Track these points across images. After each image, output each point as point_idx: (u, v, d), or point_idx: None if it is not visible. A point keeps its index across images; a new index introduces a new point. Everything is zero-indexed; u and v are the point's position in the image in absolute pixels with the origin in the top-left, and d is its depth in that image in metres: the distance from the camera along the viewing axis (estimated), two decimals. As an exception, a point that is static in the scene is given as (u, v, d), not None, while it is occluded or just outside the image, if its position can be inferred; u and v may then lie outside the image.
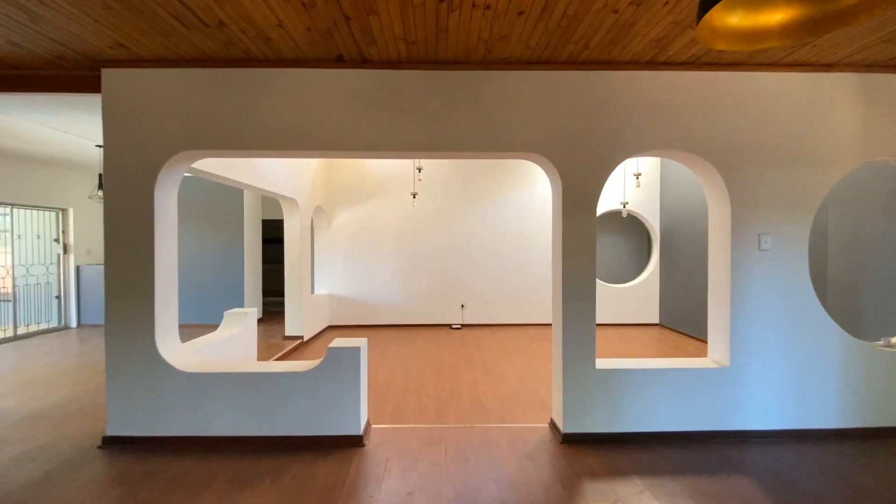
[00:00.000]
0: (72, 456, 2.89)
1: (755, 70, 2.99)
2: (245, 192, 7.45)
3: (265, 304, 8.85)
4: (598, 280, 7.80)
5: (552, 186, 3.23)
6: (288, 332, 6.27)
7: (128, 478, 2.62)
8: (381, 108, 2.96)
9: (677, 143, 3.00)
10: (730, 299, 3.04)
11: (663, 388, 3.04)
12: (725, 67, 2.98)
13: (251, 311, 4.62)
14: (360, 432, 2.98)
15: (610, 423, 3.03)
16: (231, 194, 7.31)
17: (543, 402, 4.03)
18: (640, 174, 5.75)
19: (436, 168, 7.63)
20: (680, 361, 3.21)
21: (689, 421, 3.04)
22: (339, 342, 3.06)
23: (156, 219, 2.96)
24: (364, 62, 2.92)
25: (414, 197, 6.28)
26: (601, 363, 3.09)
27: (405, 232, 7.68)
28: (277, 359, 5.41)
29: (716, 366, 3.09)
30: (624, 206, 6.05)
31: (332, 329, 7.47)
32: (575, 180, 3.01)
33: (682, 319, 7.07)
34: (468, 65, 2.93)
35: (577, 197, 3.01)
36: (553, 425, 3.23)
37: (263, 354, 5.46)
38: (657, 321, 7.83)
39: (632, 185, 7.47)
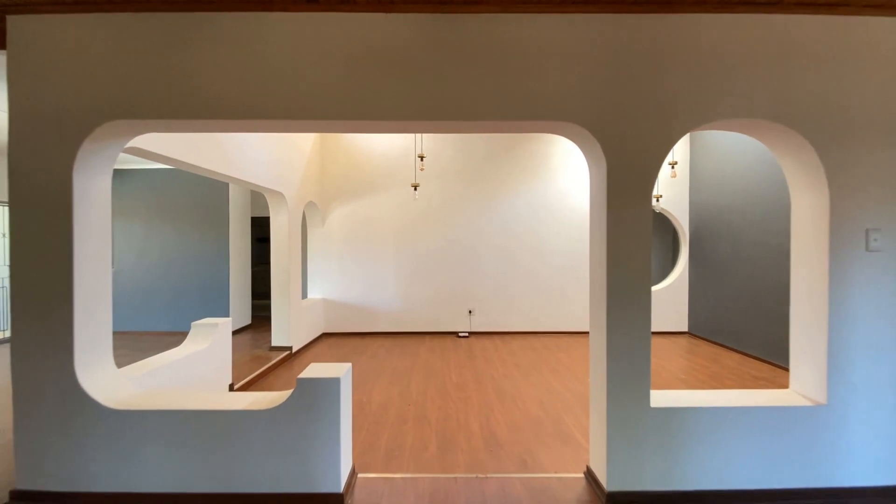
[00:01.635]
0: (-35, 519, 2.22)
1: (866, 13, 2.25)
2: (231, 186, 6.79)
3: (256, 309, 8.19)
4: (620, 283, 7.04)
5: (592, 169, 2.51)
6: (275, 343, 5.59)
7: (23, 558, 1.94)
8: (367, 65, 2.26)
9: (758, 109, 2.27)
10: (827, 316, 2.30)
11: (739, 432, 2.31)
12: (824, 9, 2.24)
13: (223, 323, 3.93)
14: (341, 489, 2.27)
15: (669, 479, 2.30)
16: (216, 189, 6.65)
17: (570, 434, 3.30)
18: (675, 163, 5.00)
19: (440, 158, 6.92)
20: (758, 396, 2.47)
21: (775, 476, 2.31)
22: (313, 370, 2.36)
23: (76, 210, 2.27)
24: (345, 3, 2.21)
25: (415, 189, 5.59)
26: (657, 397, 2.36)
27: (407, 229, 6.98)
28: (261, 374, 4.73)
29: (808, 403, 2.35)
30: (657, 200, 5.30)
31: (327, 337, 6.79)
32: (624, 159, 2.28)
33: (716, 328, 6.31)
34: (481, 5, 2.22)
35: (627, 181, 2.28)
36: (591, 476, 2.51)
37: (244, 369, 4.78)
38: (685, 329, 7.07)
39: (665, 175, 6.72)
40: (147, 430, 2.27)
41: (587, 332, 7.09)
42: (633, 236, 2.29)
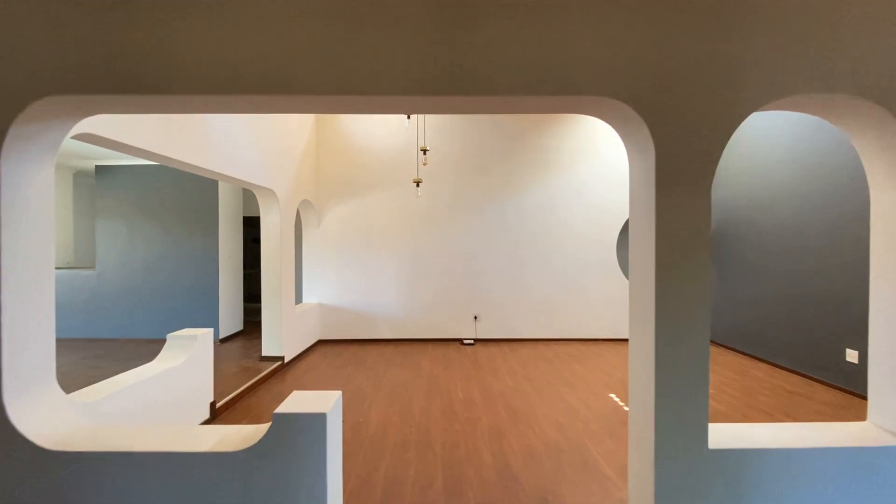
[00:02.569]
0: None
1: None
2: (221, 184, 6.38)
3: (250, 314, 7.78)
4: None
5: (634, 157, 2.08)
6: (265, 353, 5.17)
7: None
8: (360, 25, 1.84)
9: (839, 82, 1.84)
10: (924, 336, 1.87)
11: (813, 479, 1.89)
12: (922, -42, 1.82)
13: (203, 335, 3.52)
14: (328, 548, 1.85)
15: (730, 536, 1.88)
16: (205, 186, 6.23)
17: (595, 466, 2.88)
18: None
19: (444, 153, 6.50)
20: (832, 431, 2.05)
21: (861, 534, 1.88)
22: (295, 401, 1.94)
23: (3, 207, 1.85)
24: (333, -49, 1.79)
25: (417, 185, 5.17)
26: (717, 434, 1.94)
27: (408, 229, 6.55)
28: (248, 388, 4.31)
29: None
30: None
31: (323, 345, 6.36)
32: (677, 142, 1.86)
33: (740, 336, 5.88)
34: (502, -46, 1.80)
35: (680, 167, 1.86)
36: (630, 527, 2.08)
37: (231, 382, 4.36)
38: (705, 336, 6.62)
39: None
40: (91, 478, 1.85)
41: (602, 340, 6.79)
42: (687, 234, 1.87)
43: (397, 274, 6.55)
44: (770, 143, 5.32)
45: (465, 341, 6.43)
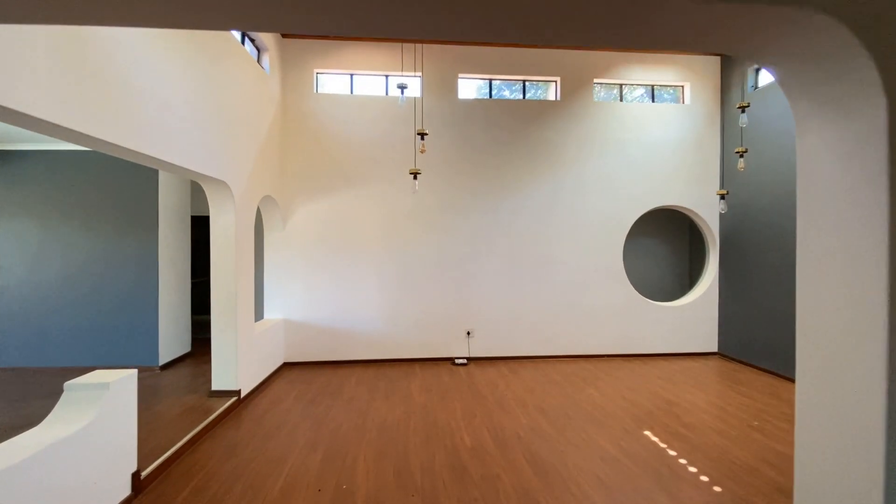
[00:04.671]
0: None
1: None
2: (163, 175, 5.24)
3: (202, 328, 6.62)
4: (640, 297, 6.01)
5: (833, 120, 1.31)
6: (216, 386, 4.13)
7: None
8: None
9: None
10: None
11: None
12: None
13: (120, 379, 2.51)
14: None
15: None
16: (141, 177, 5.09)
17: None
18: (745, 150, 3.96)
19: (434, 147, 5.64)
20: None
21: None
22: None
23: None
24: None
25: (415, 178, 4.24)
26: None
27: (392, 233, 5.65)
28: (192, 440, 3.29)
29: None
30: (722, 199, 4.23)
31: (290, 369, 5.36)
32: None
33: (760, 350, 5.36)
34: None
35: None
36: None
37: (169, 431, 3.32)
38: (716, 349, 6.11)
39: (688, 167, 5.79)
40: None
41: (607, 357, 6.01)
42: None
43: (378, 284, 5.63)
44: (791, 137, 4.79)
45: (458, 360, 5.60)
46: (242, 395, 4.22)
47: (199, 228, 7.75)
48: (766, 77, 5.46)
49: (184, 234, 5.70)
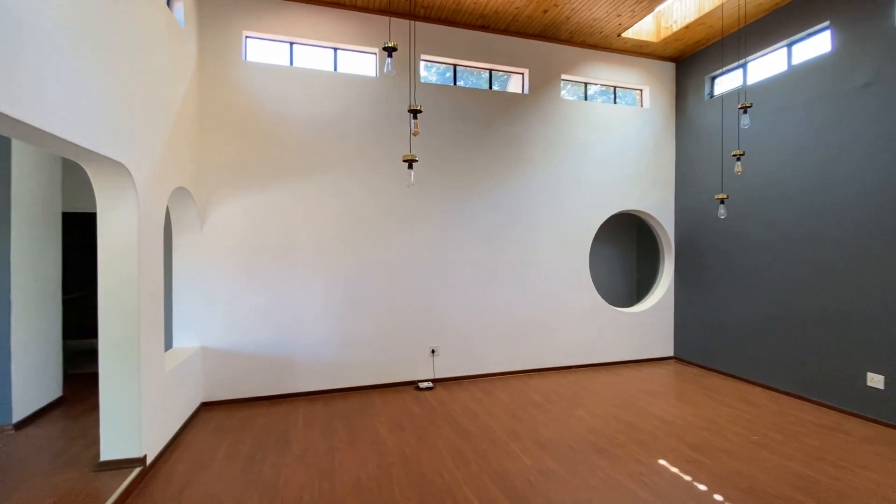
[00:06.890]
0: None
1: None
2: (17, 148, 3.74)
3: (79, 360, 5.03)
4: (605, 303, 5.80)
5: None
6: (108, 455, 2.91)
7: None
8: None
9: None
10: None
11: None
12: None
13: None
14: None
15: None
16: (-20, 157, 3.56)
17: None
18: (742, 154, 3.78)
19: (389, 135, 4.83)
20: None
21: None
22: None
23: None
24: None
25: (410, 167, 3.32)
26: None
27: (340, 237, 4.72)
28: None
29: None
30: (721, 203, 4.02)
31: (211, 411, 4.17)
32: None
33: (713, 353, 5.41)
34: None
35: None
36: None
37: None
38: (671, 354, 6.12)
39: (649, 172, 5.71)
40: None
41: (577, 368, 5.60)
42: None
43: (325, 298, 4.66)
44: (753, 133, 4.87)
45: (422, 384, 4.85)
46: (149, 461, 3.04)
47: (75, 229, 6.04)
48: (720, 86, 5.58)
49: (53, 235, 4.19)
